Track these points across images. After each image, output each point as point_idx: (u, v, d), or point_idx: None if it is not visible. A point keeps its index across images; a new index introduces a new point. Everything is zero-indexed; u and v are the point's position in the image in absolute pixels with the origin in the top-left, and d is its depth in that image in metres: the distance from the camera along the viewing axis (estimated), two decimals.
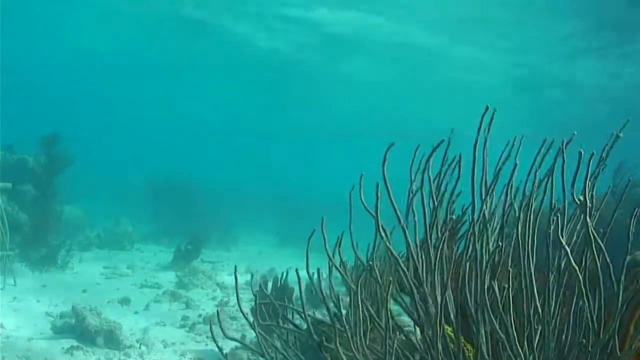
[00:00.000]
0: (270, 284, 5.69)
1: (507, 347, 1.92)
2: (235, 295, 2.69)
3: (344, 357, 2.00)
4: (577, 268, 1.84)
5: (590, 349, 1.86)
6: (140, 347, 5.44)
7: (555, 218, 1.95)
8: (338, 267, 2.16)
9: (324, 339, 2.17)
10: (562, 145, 1.94)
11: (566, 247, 1.88)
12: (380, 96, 24.42)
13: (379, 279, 2.11)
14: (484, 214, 2.05)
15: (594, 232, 1.83)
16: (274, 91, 27.01)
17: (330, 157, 40.03)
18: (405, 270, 2.05)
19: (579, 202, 1.83)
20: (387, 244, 2.07)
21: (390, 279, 2.07)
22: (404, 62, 19.74)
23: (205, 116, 36.33)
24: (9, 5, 18.17)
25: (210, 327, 2.35)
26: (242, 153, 42.77)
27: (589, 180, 1.84)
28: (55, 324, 5.70)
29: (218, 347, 2.27)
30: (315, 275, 2.26)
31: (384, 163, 1.99)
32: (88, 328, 5.40)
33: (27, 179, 9.51)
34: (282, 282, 5.48)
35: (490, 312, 1.94)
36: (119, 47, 23.49)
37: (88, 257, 10.41)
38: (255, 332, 2.19)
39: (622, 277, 1.80)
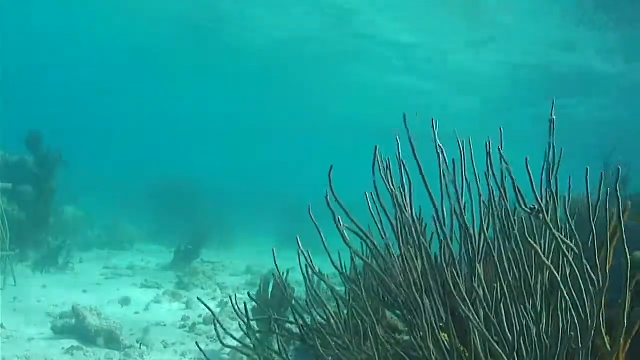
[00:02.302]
0: (271, 284, 5.69)
1: (500, 351, 1.93)
2: (235, 294, 2.70)
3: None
4: (556, 274, 1.84)
5: (580, 344, 1.85)
6: (140, 347, 5.45)
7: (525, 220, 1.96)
8: (338, 269, 2.17)
9: (318, 343, 2.18)
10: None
11: (547, 262, 1.88)
12: (378, 96, 24.43)
13: (364, 293, 2.11)
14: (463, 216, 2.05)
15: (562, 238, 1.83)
16: (273, 91, 27.02)
17: (331, 157, 39.97)
18: (389, 281, 2.05)
19: (529, 210, 1.84)
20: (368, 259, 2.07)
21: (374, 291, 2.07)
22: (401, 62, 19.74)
23: (206, 116, 36.34)
24: (7, 3, 18.17)
25: (215, 328, 2.37)
26: (242, 153, 42.81)
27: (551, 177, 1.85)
28: (55, 324, 5.70)
29: (199, 348, 2.28)
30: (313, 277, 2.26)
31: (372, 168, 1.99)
32: (88, 328, 5.41)
33: (27, 179, 9.51)
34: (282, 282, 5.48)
35: (480, 315, 1.95)
36: (119, 46, 23.52)
37: (88, 257, 10.42)
38: (251, 339, 2.20)
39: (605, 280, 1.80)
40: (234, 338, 2.31)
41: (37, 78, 30.93)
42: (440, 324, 2.00)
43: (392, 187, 2.03)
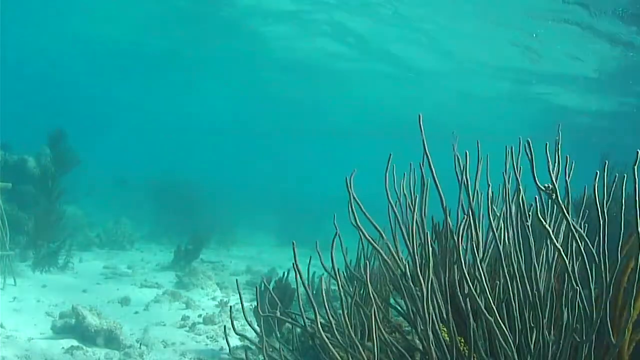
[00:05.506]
0: (272, 284, 5.69)
1: (504, 347, 1.92)
2: (236, 295, 2.70)
3: (339, 358, 2.00)
4: (564, 256, 1.84)
5: (584, 337, 1.84)
6: (140, 347, 5.44)
7: (537, 211, 1.95)
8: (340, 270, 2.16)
9: (318, 340, 2.17)
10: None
11: (554, 238, 1.87)
12: (381, 96, 24.43)
13: (371, 287, 2.12)
14: (472, 214, 2.05)
15: (573, 223, 1.83)
16: (273, 91, 27.01)
17: (331, 157, 40.05)
18: (395, 271, 2.05)
19: (543, 189, 1.84)
20: (380, 251, 2.06)
21: (383, 282, 2.07)
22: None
23: (206, 116, 36.35)
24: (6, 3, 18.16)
25: (226, 327, 2.36)
26: (242, 153, 42.83)
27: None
28: (55, 324, 5.69)
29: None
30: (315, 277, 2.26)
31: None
32: (88, 328, 5.40)
33: (28, 179, 9.50)
34: (284, 282, 5.49)
35: (485, 312, 1.94)
36: (120, 45, 23.48)
37: (88, 257, 10.40)
38: (256, 332, 2.19)
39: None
40: (240, 334, 2.30)
41: (37, 78, 30.91)
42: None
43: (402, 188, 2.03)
